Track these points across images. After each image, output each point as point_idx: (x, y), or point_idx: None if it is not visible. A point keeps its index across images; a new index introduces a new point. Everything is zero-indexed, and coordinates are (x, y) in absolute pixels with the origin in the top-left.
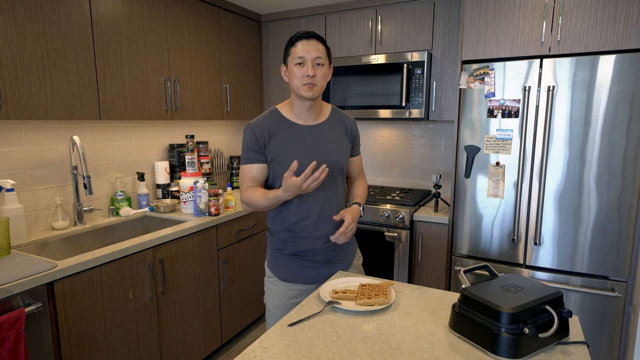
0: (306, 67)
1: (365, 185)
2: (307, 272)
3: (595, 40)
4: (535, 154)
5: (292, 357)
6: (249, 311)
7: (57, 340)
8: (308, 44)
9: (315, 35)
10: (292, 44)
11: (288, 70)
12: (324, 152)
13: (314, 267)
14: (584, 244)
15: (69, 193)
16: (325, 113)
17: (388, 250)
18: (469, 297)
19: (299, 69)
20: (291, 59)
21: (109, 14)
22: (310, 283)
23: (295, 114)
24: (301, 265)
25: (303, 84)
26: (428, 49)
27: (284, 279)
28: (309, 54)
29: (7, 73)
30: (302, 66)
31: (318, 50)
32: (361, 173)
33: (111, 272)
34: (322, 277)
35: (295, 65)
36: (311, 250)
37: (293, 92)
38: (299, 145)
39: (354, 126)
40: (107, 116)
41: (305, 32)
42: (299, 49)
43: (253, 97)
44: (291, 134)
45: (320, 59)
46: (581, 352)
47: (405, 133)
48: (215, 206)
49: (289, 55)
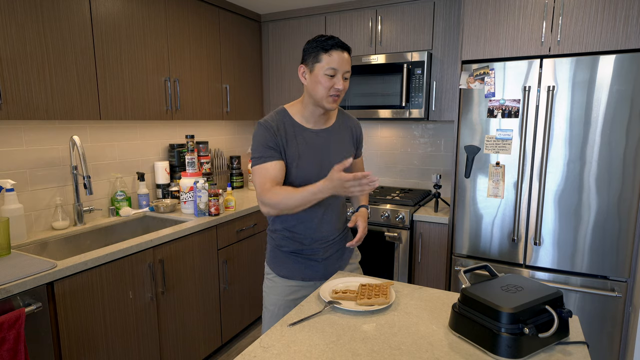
0: (336, 80)
1: None
2: (305, 269)
3: (595, 40)
4: (535, 154)
5: (292, 357)
6: (249, 311)
7: (57, 340)
8: (342, 55)
9: (348, 48)
10: (325, 51)
11: (312, 75)
12: (332, 156)
13: (313, 264)
14: (584, 244)
15: (69, 193)
16: (333, 116)
17: (388, 250)
18: (469, 297)
19: (328, 80)
20: (321, 67)
21: (109, 14)
22: (309, 280)
23: (305, 117)
24: (300, 262)
25: (330, 95)
26: (428, 49)
27: (283, 275)
28: (343, 67)
29: (7, 73)
30: (332, 78)
31: (349, 64)
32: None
33: (111, 272)
34: (321, 275)
35: (324, 74)
36: (310, 249)
37: (311, 97)
38: (310, 151)
39: (358, 129)
40: (107, 116)
41: (340, 41)
42: (334, 59)
43: (253, 97)
44: (302, 138)
45: (348, 73)
46: (581, 352)
47: (405, 133)
48: (215, 206)
49: (318, 62)
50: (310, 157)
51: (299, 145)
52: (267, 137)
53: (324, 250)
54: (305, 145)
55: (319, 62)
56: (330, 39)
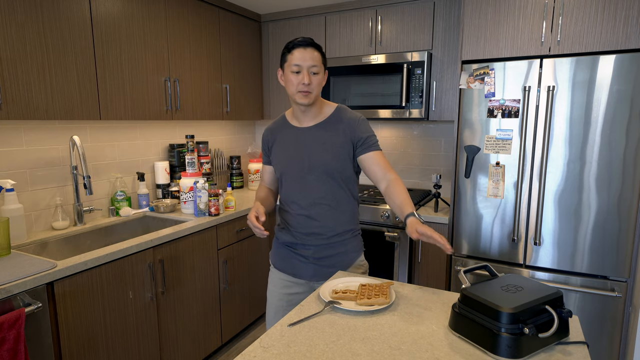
0: (302, 75)
1: (401, 188)
2: (295, 265)
3: (595, 40)
4: (535, 154)
5: (292, 357)
6: (249, 311)
7: (57, 340)
8: (304, 52)
9: (312, 43)
10: (289, 51)
11: (284, 75)
12: (312, 154)
13: (303, 261)
14: (584, 244)
15: (69, 193)
16: (326, 114)
17: (388, 250)
18: (469, 297)
19: (295, 77)
20: (287, 66)
21: (109, 14)
22: (298, 277)
23: (295, 116)
24: (291, 257)
25: (299, 91)
26: (428, 49)
27: (278, 267)
28: (305, 62)
29: (7, 73)
30: (298, 74)
31: (314, 59)
32: (389, 172)
33: (111, 272)
34: (310, 275)
35: (291, 72)
36: (302, 244)
37: (290, 97)
38: (290, 147)
39: (353, 123)
40: (107, 116)
41: (302, 39)
42: (295, 56)
43: (253, 97)
44: (287, 137)
45: (315, 68)
46: (581, 352)
47: (405, 133)
48: (215, 206)
49: (285, 61)
50: (289, 153)
51: (283, 143)
52: (263, 144)
53: (317, 249)
54: (287, 143)
55: (286, 62)
56: (296, 39)
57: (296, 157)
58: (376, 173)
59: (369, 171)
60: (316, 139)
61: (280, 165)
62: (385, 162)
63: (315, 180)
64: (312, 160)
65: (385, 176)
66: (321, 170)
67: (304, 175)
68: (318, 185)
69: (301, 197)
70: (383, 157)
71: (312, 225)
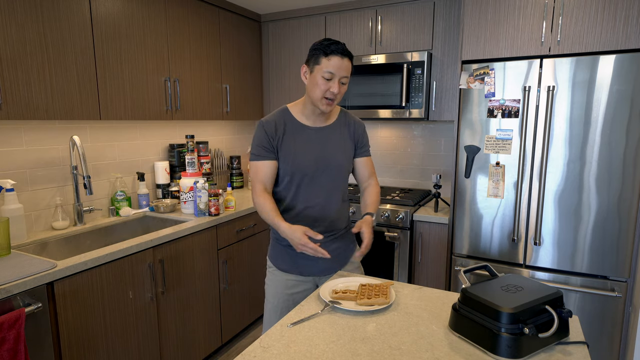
0: (332, 84)
1: (376, 192)
2: (303, 264)
3: (595, 41)
4: (535, 154)
5: (292, 357)
6: (249, 311)
7: (57, 340)
8: (342, 61)
9: (349, 54)
10: (325, 55)
11: (312, 76)
12: (329, 154)
13: (310, 259)
14: (584, 244)
15: (69, 193)
16: (334, 115)
17: (388, 250)
18: (469, 297)
19: (325, 83)
20: (319, 69)
21: (109, 13)
22: (307, 275)
23: (305, 115)
24: (298, 257)
25: (324, 97)
26: (428, 49)
27: (282, 269)
28: (340, 72)
29: (7, 73)
30: (329, 81)
31: (347, 70)
32: (372, 177)
33: (111, 272)
34: (319, 271)
35: (321, 77)
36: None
37: (309, 97)
38: (307, 147)
39: (358, 128)
40: (107, 116)
41: (342, 48)
42: (332, 63)
43: (253, 97)
44: (300, 135)
45: (345, 78)
46: (581, 352)
47: (405, 133)
48: (215, 206)
49: (318, 64)
50: (307, 153)
51: (297, 142)
52: (262, 137)
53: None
54: (303, 142)
55: (318, 65)
56: (334, 44)
57: (316, 156)
58: (363, 175)
59: (357, 172)
60: (331, 139)
61: (293, 165)
62: (372, 167)
63: (330, 178)
64: (330, 159)
65: (368, 180)
66: (336, 169)
67: (320, 174)
68: (332, 182)
69: (314, 195)
70: (372, 163)
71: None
